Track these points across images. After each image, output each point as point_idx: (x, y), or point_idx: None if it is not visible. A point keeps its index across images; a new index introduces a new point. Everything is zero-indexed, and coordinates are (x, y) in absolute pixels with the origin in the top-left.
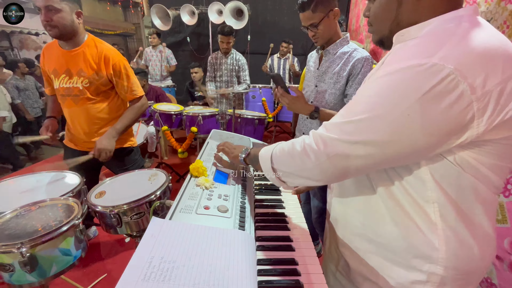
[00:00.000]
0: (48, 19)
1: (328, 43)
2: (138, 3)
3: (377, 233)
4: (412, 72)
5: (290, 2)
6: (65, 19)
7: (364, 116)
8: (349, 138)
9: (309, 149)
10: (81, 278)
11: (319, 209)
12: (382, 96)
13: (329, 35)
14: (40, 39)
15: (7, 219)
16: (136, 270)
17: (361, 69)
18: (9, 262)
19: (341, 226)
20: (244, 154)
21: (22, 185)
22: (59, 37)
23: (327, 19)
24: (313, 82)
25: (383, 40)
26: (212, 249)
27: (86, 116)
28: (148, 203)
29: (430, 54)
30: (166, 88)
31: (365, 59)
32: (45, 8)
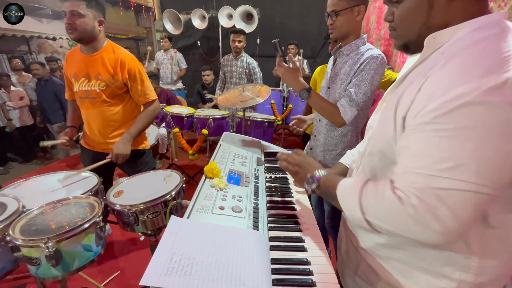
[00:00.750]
0: (71, 22)
1: (344, 39)
2: (150, 8)
3: (405, 241)
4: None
5: (299, 6)
6: (87, 25)
7: (464, 160)
8: (470, 186)
9: (423, 214)
10: (96, 275)
11: (332, 213)
12: (480, 132)
13: (346, 31)
14: (57, 43)
15: (34, 216)
16: (159, 264)
17: (365, 66)
18: (36, 256)
19: (363, 233)
20: (313, 186)
21: (45, 184)
22: (78, 40)
23: (349, 12)
24: (327, 84)
25: (409, 45)
26: (229, 247)
27: (102, 117)
28: (163, 203)
29: (504, 69)
30: (177, 91)
31: (372, 57)
32: (70, 13)
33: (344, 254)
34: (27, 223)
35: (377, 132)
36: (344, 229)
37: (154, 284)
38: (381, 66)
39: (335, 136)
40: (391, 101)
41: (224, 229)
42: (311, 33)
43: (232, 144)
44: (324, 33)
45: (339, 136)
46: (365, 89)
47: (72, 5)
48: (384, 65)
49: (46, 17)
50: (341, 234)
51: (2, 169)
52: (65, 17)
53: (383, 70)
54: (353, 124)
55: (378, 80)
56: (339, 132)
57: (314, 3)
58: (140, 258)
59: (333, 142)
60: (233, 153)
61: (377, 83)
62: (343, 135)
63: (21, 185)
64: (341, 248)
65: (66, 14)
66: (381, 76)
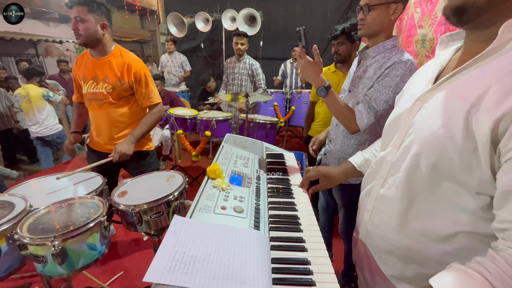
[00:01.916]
0: (75, 28)
1: (372, 38)
2: (154, 11)
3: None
4: None
5: (302, 8)
6: (89, 29)
7: None
8: None
9: None
10: (100, 275)
11: (346, 219)
12: None
13: (377, 28)
14: (63, 46)
15: (41, 215)
16: (161, 262)
17: (391, 71)
18: (42, 254)
19: (398, 263)
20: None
21: (51, 184)
22: (84, 45)
23: (384, 8)
24: (348, 87)
25: (468, 9)
26: (230, 246)
27: (108, 119)
28: (166, 203)
29: None
30: (181, 93)
31: (401, 62)
32: (75, 19)
33: (369, 278)
34: (34, 222)
35: (425, 140)
36: (366, 254)
37: (156, 281)
38: (409, 73)
39: (352, 144)
40: (451, 99)
41: (225, 229)
42: (314, 36)
43: (234, 146)
44: (328, 35)
45: (356, 145)
46: (387, 96)
47: (76, 11)
48: (413, 72)
49: (53, 21)
50: (360, 254)
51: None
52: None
53: (408, 78)
54: (372, 133)
55: (402, 87)
56: (356, 141)
57: (317, 5)
58: (143, 259)
59: (349, 150)
60: (236, 154)
61: (399, 91)
62: (360, 143)
63: (28, 185)
64: (362, 268)
65: (72, 20)
66: (405, 83)
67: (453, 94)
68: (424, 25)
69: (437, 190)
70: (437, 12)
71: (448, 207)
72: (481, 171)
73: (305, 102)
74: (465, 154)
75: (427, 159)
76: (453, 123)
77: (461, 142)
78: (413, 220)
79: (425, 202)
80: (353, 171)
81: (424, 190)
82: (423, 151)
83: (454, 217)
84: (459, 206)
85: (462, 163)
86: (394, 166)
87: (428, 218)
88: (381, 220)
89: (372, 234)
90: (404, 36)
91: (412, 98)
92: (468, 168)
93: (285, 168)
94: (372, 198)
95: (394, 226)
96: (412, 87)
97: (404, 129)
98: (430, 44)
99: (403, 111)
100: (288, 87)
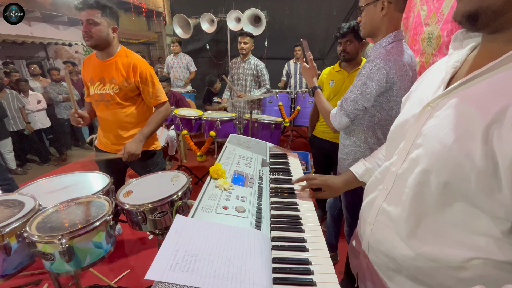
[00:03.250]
0: (88, 30)
1: (373, 38)
2: (161, 13)
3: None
4: None
5: (307, 8)
6: (102, 32)
7: None
8: None
9: None
10: (107, 273)
11: (352, 222)
12: None
13: (370, 28)
14: (72, 49)
15: (49, 213)
16: (163, 260)
17: (361, 70)
18: (50, 251)
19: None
20: None
21: (60, 183)
22: (94, 47)
23: (372, 8)
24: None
25: (481, 14)
26: (231, 245)
27: (116, 119)
28: (170, 202)
29: None
30: (186, 93)
31: (369, 61)
32: (87, 21)
33: None
34: (42, 220)
35: (437, 156)
36: (369, 270)
37: (158, 278)
38: (378, 72)
39: (347, 145)
40: (468, 110)
41: (227, 228)
42: (319, 35)
43: (238, 146)
44: (335, 33)
45: (351, 146)
46: (354, 96)
47: (88, 14)
48: (384, 71)
49: (63, 24)
50: (363, 268)
51: (21, 170)
52: (82, 25)
53: (381, 77)
54: (369, 134)
55: (374, 87)
56: (350, 142)
57: (322, 5)
58: (149, 257)
59: (345, 150)
60: (239, 154)
61: (372, 90)
62: (355, 145)
63: (38, 185)
64: (365, 284)
65: (83, 22)
66: (378, 83)
67: (470, 104)
68: (430, 23)
69: (449, 211)
70: (443, 10)
71: (461, 229)
72: (502, 196)
73: (310, 102)
74: (484, 175)
75: (438, 177)
76: (469, 138)
77: (479, 161)
78: (422, 243)
79: (435, 223)
80: (354, 181)
81: (434, 210)
82: (433, 168)
83: (469, 241)
84: (474, 229)
85: (479, 185)
86: (399, 178)
87: (438, 242)
88: (385, 237)
89: (375, 250)
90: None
91: (421, 103)
92: (486, 191)
93: (288, 168)
94: (374, 210)
95: (400, 246)
96: (421, 90)
97: (411, 138)
98: (437, 42)
99: (409, 117)
100: (292, 87)
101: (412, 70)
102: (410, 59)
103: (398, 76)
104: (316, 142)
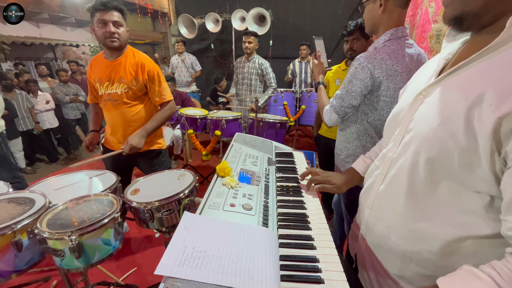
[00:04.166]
0: (115, 31)
1: (376, 35)
2: (166, 14)
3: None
4: None
5: (312, 6)
6: (125, 33)
7: None
8: None
9: None
10: (114, 270)
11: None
12: None
13: (371, 25)
14: (79, 50)
15: (59, 211)
16: (172, 256)
17: (350, 68)
18: (61, 248)
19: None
20: None
21: (69, 181)
22: (117, 48)
23: (371, 5)
24: None
25: (465, 18)
26: (238, 242)
27: (123, 118)
28: (177, 200)
29: None
30: (191, 93)
31: (355, 59)
32: (114, 23)
33: (372, 276)
34: (53, 217)
35: (425, 137)
36: (367, 251)
37: (167, 274)
38: (362, 71)
39: (341, 140)
40: (453, 94)
41: (234, 225)
42: (324, 33)
43: (244, 145)
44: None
45: (344, 142)
46: (341, 94)
47: (114, 16)
48: (367, 70)
49: (70, 25)
50: (361, 250)
51: (30, 169)
52: (103, 27)
53: (365, 76)
54: (360, 132)
55: (359, 85)
56: (344, 138)
57: (327, 3)
58: (155, 255)
59: (340, 146)
60: (245, 153)
61: (356, 89)
62: (348, 141)
63: (47, 183)
64: (365, 265)
65: (107, 24)
66: (362, 82)
67: (455, 89)
68: (439, 19)
69: (436, 190)
70: None
71: (448, 208)
72: (482, 171)
73: (315, 101)
74: (466, 153)
75: (425, 156)
76: (453, 119)
77: (461, 140)
78: (412, 221)
79: (424, 203)
80: (358, 178)
81: (423, 190)
82: (422, 148)
83: (454, 219)
84: (459, 208)
85: (462, 162)
86: (394, 162)
87: (427, 220)
88: (381, 217)
89: (372, 231)
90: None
91: (415, 92)
92: (468, 167)
93: (294, 167)
94: (372, 195)
95: (393, 225)
96: (416, 81)
97: (405, 125)
98: None
99: (404, 106)
100: (297, 86)
101: (413, 65)
102: (412, 58)
103: (384, 75)
104: (321, 141)
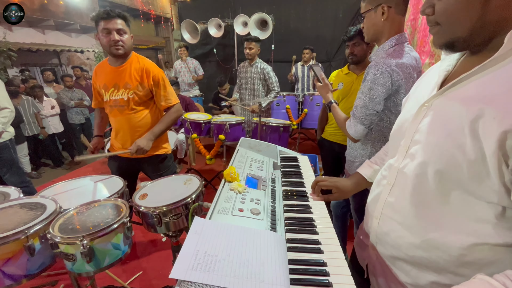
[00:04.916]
0: (119, 39)
1: (377, 43)
2: (168, 19)
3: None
4: None
5: (313, 11)
6: (130, 40)
7: None
8: None
9: None
10: (120, 274)
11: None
12: None
13: (373, 33)
14: (84, 56)
15: (70, 216)
16: (186, 260)
17: (366, 76)
18: (72, 252)
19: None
20: None
21: (77, 186)
22: (122, 55)
23: (373, 14)
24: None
25: (455, 43)
26: (248, 246)
27: (129, 124)
28: (184, 205)
29: None
30: (194, 97)
31: (371, 66)
32: (118, 31)
33: (383, 285)
34: (64, 222)
35: (432, 149)
36: (378, 261)
37: (182, 277)
38: (381, 76)
39: (355, 147)
40: (457, 107)
41: (243, 230)
42: (325, 38)
43: (249, 149)
44: (342, 36)
45: (358, 149)
46: (363, 102)
47: (117, 24)
48: (387, 74)
49: (75, 31)
50: (372, 260)
51: (35, 174)
52: (107, 35)
53: (385, 80)
54: (375, 135)
55: (381, 90)
56: (359, 144)
57: (328, 8)
58: (161, 259)
59: (353, 153)
60: (250, 158)
61: (380, 94)
62: (363, 148)
63: (56, 188)
64: (376, 275)
65: (112, 32)
66: (384, 86)
67: (459, 102)
68: None
69: (447, 200)
70: None
71: (460, 217)
72: (491, 182)
73: (317, 104)
74: (474, 164)
75: (434, 167)
76: (460, 132)
77: (469, 152)
78: (425, 231)
79: (436, 212)
80: (364, 183)
81: (433, 200)
82: (430, 160)
83: (468, 227)
84: (471, 216)
85: (471, 173)
86: (401, 173)
87: (440, 229)
88: (391, 228)
89: (383, 242)
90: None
91: (418, 103)
92: (477, 178)
93: (299, 171)
94: (380, 205)
95: (405, 235)
96: (418, 92)
97: (410, 135)
98: None
99: (408, 117)
100: (300, 90)
101: (416, 72)
102: (414, 61)
103: (403, 78)
104: (325, 145)
